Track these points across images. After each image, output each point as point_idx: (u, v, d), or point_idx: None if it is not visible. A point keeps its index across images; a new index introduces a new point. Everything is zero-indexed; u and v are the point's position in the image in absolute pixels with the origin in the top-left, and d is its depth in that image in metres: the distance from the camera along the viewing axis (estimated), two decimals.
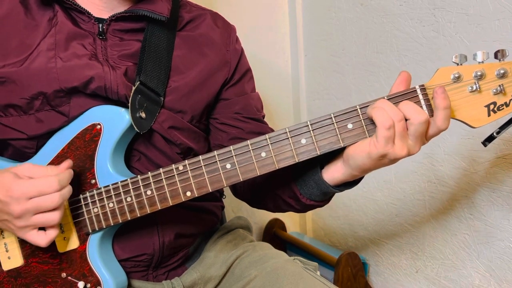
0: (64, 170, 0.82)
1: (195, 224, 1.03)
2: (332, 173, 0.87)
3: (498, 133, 0.83)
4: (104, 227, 0.87)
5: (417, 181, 1.46)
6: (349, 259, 1.54)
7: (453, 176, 1.35)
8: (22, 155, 0.93)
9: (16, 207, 0.78)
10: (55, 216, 0.80)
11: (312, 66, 1.81)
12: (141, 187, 0.85)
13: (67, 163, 0.85)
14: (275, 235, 1.85)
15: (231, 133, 1.02)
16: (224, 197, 1.15)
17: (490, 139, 0.84)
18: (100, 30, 0.92)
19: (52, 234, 0.82)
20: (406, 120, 0.78)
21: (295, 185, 0.94)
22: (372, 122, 0.79)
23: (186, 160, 0.84)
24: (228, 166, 0.83)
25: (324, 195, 0.92)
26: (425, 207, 1.45)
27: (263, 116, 1.07)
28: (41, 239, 0.81)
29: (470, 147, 1.29)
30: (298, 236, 1.86)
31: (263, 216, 1.90)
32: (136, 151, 0.94)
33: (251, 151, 0.82)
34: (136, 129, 0.88)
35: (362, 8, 1.55)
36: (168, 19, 0.94)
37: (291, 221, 1.96)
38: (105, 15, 0.93)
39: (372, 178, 1.61)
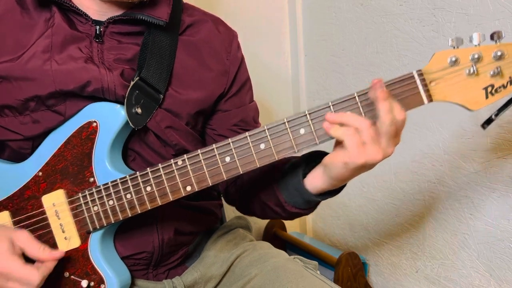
0: (55, 258, 0.83)
1: (194, 222, 1.03)
2: (313, 182, 0.88)
3: (496, 115, 0.82)
4: (105, 224, 0.87)
5: (417, 181, 1.46)
6: (349, 259, 1.54)
7: (453, 176, 1.35)
8: (19, 156, 0.93)
9: None
10: None
11: (312, 66, 1.81)
12: (141, 183, 0.85)
13: (59, 254, 0.84)
14: (275, 235, 1.85)
15: None
16: (222, 195, 1.16)
17: (488, 121, 0.83)
18: (97, 32, 0.91)
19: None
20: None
21: (280, 193, 0.94)
22: (371, 109, 0.79)
23: (184, 155, 0.84)
24: (228, 159, 0.82)
25: (308, 203, 0.92)
26: (425, 207, 1.45)
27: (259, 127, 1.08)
28: None
29: (470, 147, 1.29)
30: (298, 236, 1.85)
31: None
32: (131, 150, 0.93)
33: (250, 143, 0.82)
34: (131, 124, 0.87)
35: (362, 8, 1.56)
36: (168, 23, 0.93)
37: (291, 221, 1.95)
38: (103, 18, 0.92)
39: (372, 178, 1.61)
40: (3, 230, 0.84)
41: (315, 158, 0.90)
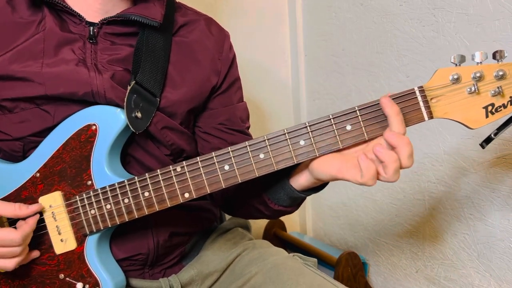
0: (33, 211, 0.84)
1: (190, 223, 1.04)
2: (297, 179, 0.89)
3: (495, 134, 0.83)
4: (102, 228, 0.87)
5: (417, 181, 1.46)
6: (349, 259, 1.54)
7: (453, 176, 1.35)
8: (11, 159, 0.93)
9: None
10: (10, 264, 0.83)
11: (312, 66, 1.81)
12: (139, 188, 0.85)
13: (37, 206, 0.85)
14: (275, 235, 1.85)
15: (213, 143, 1.02)
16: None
17: (488, 140, 0.84)
18: (91, 33, 0.90)
19: (14, 262, 0.84)
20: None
21: (264, 191, 0.95)
22: (371, 123, 0.80)
23: (183, 162, 0.84)
24: (227, 167, 0.82)
25: (292, 200, 0.93)
26: (425, 207, 1.45)
27: (248, 127, 1.07)
28: (5, 265, 0.84)
29: (470, 147, 1.29)
30: (298, 236, 1.86)
31: None
32: (126, 154, 0.93)
33: (250, 152, 0.82)
34: (131, 129, 0.87)
35: (362, 8, 1.55)
36: (162, 24, 0.93)
37: (291, 221, 1.96)
38: (97, 19, 0.91)
39: None
40: None
41: None
